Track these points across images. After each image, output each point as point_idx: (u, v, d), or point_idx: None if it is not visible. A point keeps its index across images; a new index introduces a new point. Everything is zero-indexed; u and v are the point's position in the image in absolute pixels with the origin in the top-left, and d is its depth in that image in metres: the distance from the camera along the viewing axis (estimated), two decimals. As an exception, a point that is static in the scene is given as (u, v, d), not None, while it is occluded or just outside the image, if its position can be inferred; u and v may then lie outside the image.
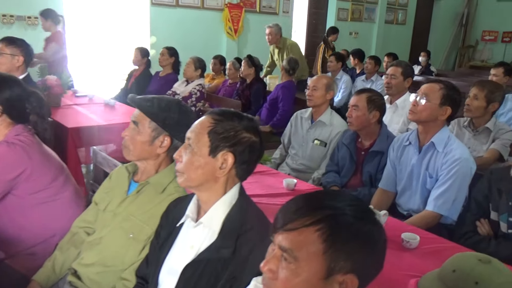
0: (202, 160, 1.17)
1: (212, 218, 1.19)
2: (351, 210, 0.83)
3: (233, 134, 1.16)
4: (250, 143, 1.18)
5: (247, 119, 1.21)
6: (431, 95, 2.07)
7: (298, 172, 2.85)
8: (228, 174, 1.19)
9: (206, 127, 1.18)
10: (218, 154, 1.17)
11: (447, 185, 2.01)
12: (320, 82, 2.82)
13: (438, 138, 2.09)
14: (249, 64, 4.84)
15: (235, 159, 1.17)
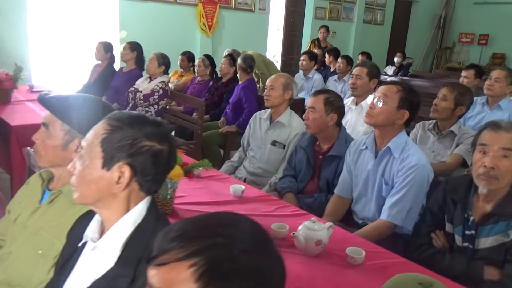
0: (95, 174, 1.00)
1: (110, 241, 1.01)
2: (241, 241, 0.67)
3: (131, 143, 0.99)
4: (153, 153, 1.01)
5: (152, 124, 1.03)
6: (388, 98, 1.95)
7: (255, 176, 2.71)
8: (128, 189, 1.02)
9: (100, 135, 1.01)
10: (113, 167, 0.99)
11: (402, 193, 1.89)
12: (277, 81, 2.68)
13: (395, 143, 1.97)
14: (230, 63, 4.69)
15: (135, 172, 1.00)
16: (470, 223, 1.72)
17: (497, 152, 1.59)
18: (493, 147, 1.60)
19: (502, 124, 1.63)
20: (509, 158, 1.58)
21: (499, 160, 1.58)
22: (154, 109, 4.01)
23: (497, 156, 1.59)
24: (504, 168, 1.58)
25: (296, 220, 1.78)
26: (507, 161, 1.58)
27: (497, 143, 1.59)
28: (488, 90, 3.48)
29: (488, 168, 1.59)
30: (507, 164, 1.58)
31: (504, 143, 1.58)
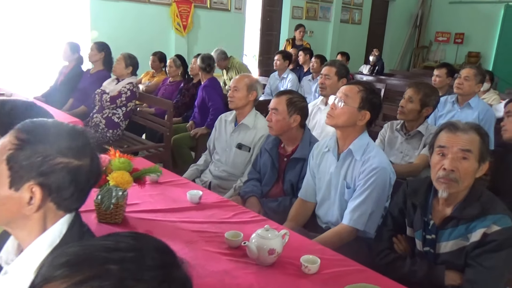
0: (2, 194, 0.89)
1: (22, 265, 0.91)
2: (138, 268, 0.59)
3: (41, 161, 0.88)
4: (69, 170, 0.90)
5: (68, 137, 0.92)
6: (349, 98, 1.90)
7: (220, 179, 2.63)
8: (43, 209, 0.91)
9: (6, 151, 0.88)
10: (22, 187, 0.88)
11: (364, 196, 1.84)
12: (241, 82, 2.60)
13: (356, 145, 1.92)
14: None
15: (48, 191, 0.89)
16: (430, 227, 1.67)
17: (456, 154, 1.54)
18: (452, 149, 1.55)
19: (460, 125, 1.59)
20: (468, 159, 1.53)
21: (458, 162, 1.54)
22: (122, 111, 3.90)
23: (456, 158, 1.54)
24: (464, 170, 1.53)
25: (254, 226, 1.71)
26: (466, 163, 1.53)
27: (456, 144, 1.55)
28: (457, 89, 3.47)
29: (447, 171, 1.55)
30: (467, 166, 1.53)
31: (463, 144, 1.54)
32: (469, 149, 1.53)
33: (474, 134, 1.55)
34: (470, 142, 1.53)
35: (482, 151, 1.53)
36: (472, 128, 1.56)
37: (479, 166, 1.54)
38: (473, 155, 1.53)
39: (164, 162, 3.84)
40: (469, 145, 1.53)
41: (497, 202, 1.58)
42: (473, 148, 1.53)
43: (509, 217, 1.53)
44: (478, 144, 1.53)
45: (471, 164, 1.53)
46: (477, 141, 1.53)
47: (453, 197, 1.62)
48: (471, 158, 1.53)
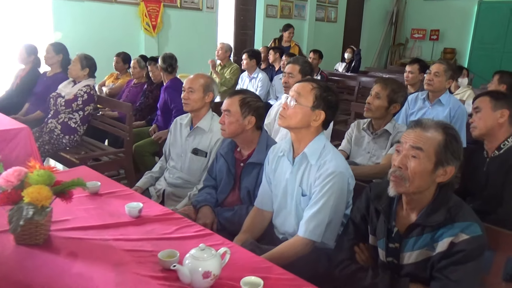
0: None
1: None
2: None
3: None
4: None
5: None
6: (302, 97, 1.73)
7: (175, 187, 2.44)
8: None
9: None
10: None
11: (320, 205, 1.67)
12: (196, 83, 2.42)
13: (311, 148, 1.75)
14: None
15: None
16: (394, 235, 1.52)
17: (408, 151, 1.41)
18: (405, 145, 1.42)
19: (423, 122, 1.44)
20: (417, 158, 1.39)
21: (408, 159, 1.40)
22: (79, 116, 3.67)
23: (407, 155, 1.41)
24: (412, 169, 1.40)
25: (197, 242, 1.52)
26: (414, 161, 1.40)
27: (409, 140, 1.42)
28: (427, 85, 3.35)
29: (395, 167, 1.41)
30: (414, 165, 1.39)
31: (414, 141, 1.40)
32: (420, 147, 1.39)
33: (436, 133, 1.40)
34: (423, 140, 1.39)
35: (440, 152, 1.39)
36: (438, 127, 1.42)
37: (435, 169, 1.39)
38: (425, 154, 1.39)
39: (125, 168, 3.62)
40: (421, 143, 1.39)
41: (465, 208, 1.43)
42: (426, 147, 1.39)
43: (478, 224, 1.38)
44: (436, 144, 1.39)
45: (421, 164, 1.39)
46: (436, 141, 1.39)
47: (416, 202, 1.47)
48: (421, 158, 1.39)
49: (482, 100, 2.18)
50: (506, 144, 2.10)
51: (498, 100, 2.13)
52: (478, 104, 2.19)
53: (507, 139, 2.11)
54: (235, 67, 5.49)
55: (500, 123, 2.10)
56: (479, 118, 2.16)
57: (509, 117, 2.11)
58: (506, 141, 2.10)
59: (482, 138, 2.19)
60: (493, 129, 2.12)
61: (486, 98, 2.17)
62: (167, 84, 3.83)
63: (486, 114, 2.14)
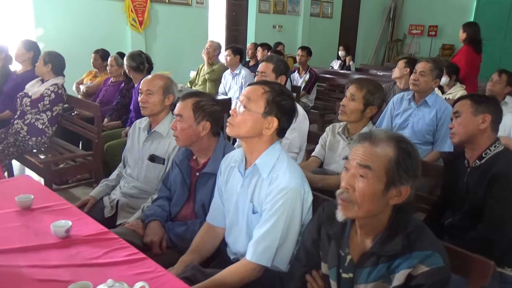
0: None
1: None
2: None
3: None
4: None
5: None
6: (252, 102, 1.53)
7: (130, 197, 2.24)
8: None
9: None
10: None
11: (270, 224, 1.48)
12: (155, 84, 2.23)
13: (264, 160, 1.55)
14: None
15: None
16: (347, 264, 1.32)
17: (356, 170, 1.21)
18: (352, 163, 1.22)
19: (373, 135, 1.24)
20: (366, 178, 1.20)
21: (356, 179, 1.21)
22: (47, 116, 3.48)
23: (354, 175, 1.21)
24: (359, 190, 1.20)
25: (125, 269, 1.35)
26: (363, 182, 1.20)
27: (356, 157, 1.22)
28: (413, 85, 3.13)
29: (342, 189, 1.22)
30: (363, 187, 1.20)
31: (361, 159, 1.21)
32: (368, 165, 1.19)
33: (387, 148, 1.20)
34: (372, 157, 1.19)
35: (391, 171, 1.19)
36: (389, 141, 1.21)
37: (386, 190, 1.20)
38: (374, 173, 1.19)
39: (94, 172, 3.44)
40: (369, 161, 1.19)
41: (426, 234, 1.24)
42: (375, 165, 1.19)
43: (440, 254, 1.19)
44: (386, 161, 1.19)
45: (370, 185, 1.19)
46: (387, 158, 1.19)
47: (370, 227, 1.28)
48: (369, 177, 1.19)
49: (462, 104, 1.98)
50: (488, 152, 1.89)
51: (479, 104, 1.92)
52: (458, 108, 1.99)
53: (490, 147, 1.90)
54: (221, 65, 5.29)
55: (482, 129, 1.90)
56: (458, 124, 1.96)
57: (491, 122, 1.90)
58: (488, 149, 1.90)
59: (462, 145, 1.99)
60: (474, 136, 1.91)
61: (466, 102, 1.96)
62: (138, 84, 3.63)
63: (467, 119, 1.93)
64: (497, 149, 1.89)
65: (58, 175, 3.34)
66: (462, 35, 4.80)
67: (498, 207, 1.76)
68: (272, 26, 8.87)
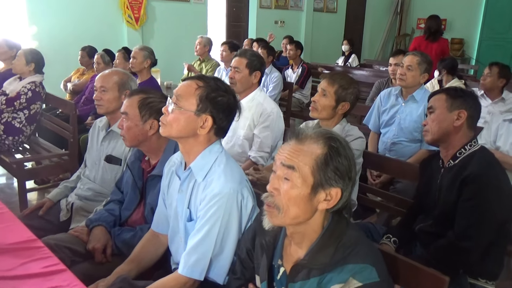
0: None
1: None
2: None
3: None
4: None
5: None
6: (184, 100, 1.39)
7: (86, 200, 2.13)
8: None
9: None
10: None
11: (202, 234, 1.34)
12: (109, 80, 2.11)
13: (199, 163, 1.41)
14: (125, 57, 4.16)
15: None
16: (279, 277, 1.18)
17: (281, 171, 1.07)
18: (277, 163, 1.08)
19: (301, 132, 1.10)
20: (291, 181, 1.05)
21: (281, 182, 1.06)
22: (24, 115, 3.40)
23: (280, 177, 1.07)
24: (283, 194, 1.06)
25: (39, 282, 1.22)
26: (287, 184, 1.06)
27: (281, 157, 1.08)
28: (400, 80, 2.95)
29: (267, 193, 1.08)
30: (287, 189, 1.06)
31: (286, 158, 1.07)
32: (291, 166, 1.05)
33: (314, 146, 1.06)
34: (297, 156, 1.06)
35: (318, 171, 1.05)
36: (318, 138, 1.07)
37: (314, 193, 1.05)
38: (299, 174, 1.05)
39: (71, 172, 3.33)
40: (293, 160, 1.05)
41: (363, 245, 1.09)
42: (299, 164, 1.05)
43: (375, 267, 1.04)
44: (312, 160, 1.05)
45: (294, 187, 1.05)
46: (313, 157, 1.05)
47: (301, 236, 1.13)
48: (294, 179, 1.05)
49: (437, 98, 1.80)
50: (463, 152, 1.72)
51: (455, 99, 1.75)
52: (432, 103, 1.81)
53: (465, 146, 1.72)
54: (214, 62, 5.16)
55: (457, 126, 1.72)
56: (432, 120, 1.78)
57: (467, 119, 1.72)
58: (463, 148, 1.72)
59: (436, 144, 1.81)
60: (448, 134, 1.74)
61: (441, 96, 1.79)
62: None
63: (441, 115, 1.76)
64: (473, 148, 1.71)
65: (32, 175, 3.26)
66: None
67: (470, 212, 1.58)
68: (273, 22, 8.69)
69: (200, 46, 5.15)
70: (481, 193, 1.55)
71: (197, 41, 5.22)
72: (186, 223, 1.44)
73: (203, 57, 5.18)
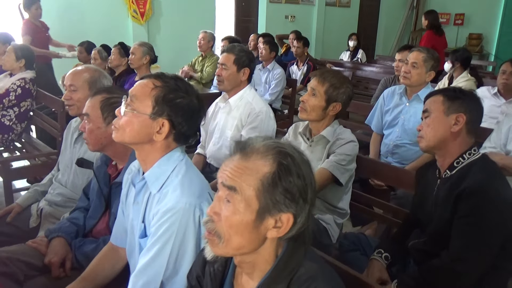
0: None
1: None
2: None
3: None
4: None
5: None
6: (137, 101, 1.24)
7: (56, 206, 1.99)
8: None
9: None
10: None
11: (153, 253, 1.18)
12: (79, 79, 1.96)
13: (154, 172, 1.26)
14: (121, 53, 4.05)
15: None
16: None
17: (223, 192, 0.91)
18: (219, 182, 0.93)
19: (248, 144, 0.94)
20: (232, 205, 0.89)
21: (222, 205, 0.91)
22: (14, 113, 3.31)
23: (221, 198, 0.91)
24: (224, 220, 0.90)
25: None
26: (228, 209, 0.90)
27: (223, 175, 0.92)
28: (404, 79, 2.74)
29: (208, 217, 0.94)
30: (227, 215, 0.90)
31: (226, 178, 0.91)
32: (233, 187, 0.89)
33: (261, 163, 0.89)
34: (240, 175, 0.89)
35: (264, 193, 0.88)
36: (267, 152, 0.91)
37: (260, 219, 0.89)
38: (242, 198, 0.88)
39: (60, 172, 3.23)
40: (235, 181, 0.89)
41: (320, 281, 0.92)
42: (242, 187, 0.89)
43: None
44: (257, 180, 0.88)
45: (236, 212, 0.89)
46: (258, 176, 0.88)
47: (250, 266, 0.97)
48: (236, 204, 0.89)
49: (433, 100, 1.60)
50: (461, 161, 1.52)
51: (453, 101, 1.55)
52: (428, 105, 1.61)
53: (463, 154, 1.52)
54: (216, 58, 5.00)
55: (454, 132, 1.52)
56: (427, 125, 1.59)
57: (467, 124, 1.52)
58: (461, 157, 1.52)
59: (432, 152, 1.62)
60: (444, 141, 1.54)
61: (438, 98, 1.59)
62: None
63: (437, 119, 1.56)
64: (473, 157, 1.51)
65: (19, 175, 3.15)
66: (424, 22, 5.53)
67: (466, 232, 1.39)
68: (284, 17, 8.48)
69: (204, 42, 4.99)
70: (479, 210, 1.36)
71: (200, 36, 5.07)
72: (139, 239, 1.28)
73: (206, 53, 5.03)
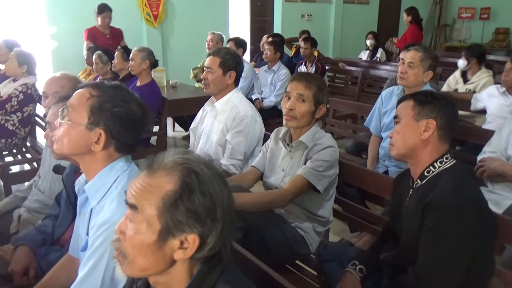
0: None
1: None
2: None
3: None
4: None
5: None
6: (74, 110, 1.21)
7: (34, 212, 2.01)
8: None
9: None
10: None
11: (88, 268, 1.15)
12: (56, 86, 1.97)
13: (94, 184, 1.23)
14: (124, 57, 4.08)
15: None
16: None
17: (128, 210, 0.89)
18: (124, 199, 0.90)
19: (158, 159, 0.89)
20: (134, 225, 0.86)
21: (128, 224, 0.88)
22: (17, 118, 3.38)
23: (127, 217, 0.89)
24: (128, 240, 0.87)
25: None
26: (131, 229, 0.87)
27: (128, 193, 0.90)
28: (400, 79, 2.63)
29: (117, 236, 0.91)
30: (130, 236, 0.87)
31: (130, 196, 0.88)
32: (134, 205, 0.85)
33: (165, 180, 0.85)
34: (142, 193, 0.85)
35: (165, 213, 0.83)
36: (173, 168, 0.86)
37: (163, 240, 0.84)
38: (143, 218, 0.84)
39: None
40: (137, 199, 0.85)
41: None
42: (143, 206, 0.84)
43: None
44: (159, 199, 0.83)
45: (138, 233, 0.84)
46: (160, 195, 0.83)
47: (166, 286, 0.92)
48: (138, 223, 0.85)
49: (403, 106, 1.52)
50: (431, 170, 1.42)
51: (423, 106, 1.45)
52: (398, 111, 1.53)
53: (434, 162, 1.43)
54: None
55: (424, 139, 1.43)
56: (397, 132, 1.50)
57: (437, 130, 1.43)
58: (432, 166, 1.43)
59: (404, 161, 1.53)
60: (415, 149, 1.45)
61: (409, 103, 1.50)
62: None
63: (407, 126, 1.47)
64: (444, 166, 1.41)
65: (18, 179, 3.22)
66: (407, 18, 6.02)
67: (430, 247, 1.30)
68: (300, 16, 8.38)
69: (212, 43, 4.97)
70: (443, 224, 1.26)
71: (209, 38, 5.05)
72: (81, 252, 1.26)
73: None
